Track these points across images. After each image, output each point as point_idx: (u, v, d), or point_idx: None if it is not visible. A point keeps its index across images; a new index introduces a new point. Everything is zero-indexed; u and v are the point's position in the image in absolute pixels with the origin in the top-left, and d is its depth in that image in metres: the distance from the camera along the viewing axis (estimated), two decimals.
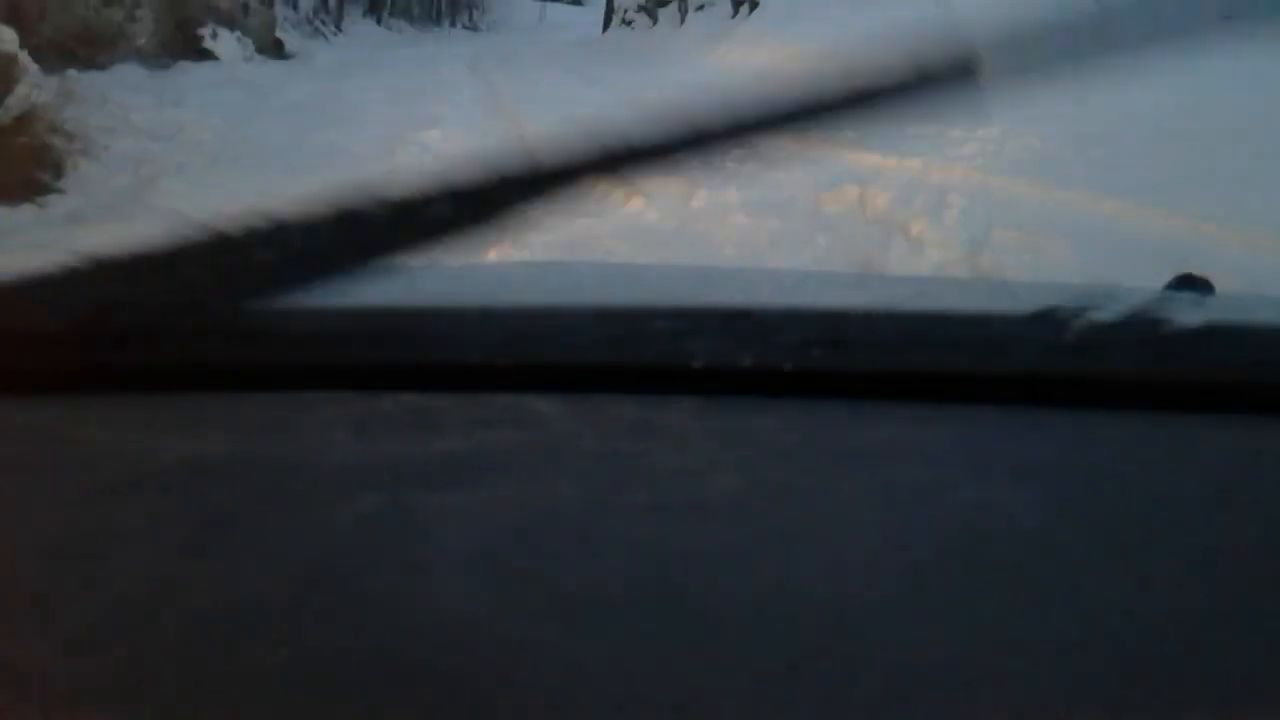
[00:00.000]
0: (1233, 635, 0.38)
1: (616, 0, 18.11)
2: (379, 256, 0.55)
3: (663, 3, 16.02)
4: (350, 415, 0.52)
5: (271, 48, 14.22)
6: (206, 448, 0.49)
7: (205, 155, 5.33)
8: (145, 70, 9.76)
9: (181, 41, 11.88)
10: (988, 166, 5.17)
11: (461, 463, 0.48)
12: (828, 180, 5.02)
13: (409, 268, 0.57)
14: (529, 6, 31.31)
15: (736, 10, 13.89)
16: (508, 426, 0.51)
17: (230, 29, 13.03)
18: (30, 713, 0.32)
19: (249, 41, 13.34)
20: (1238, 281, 3.18)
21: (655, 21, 16.24)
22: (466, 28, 28.91)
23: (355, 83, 10.35)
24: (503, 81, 11.21)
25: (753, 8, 13.29)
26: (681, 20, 15.18)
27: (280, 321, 0.57)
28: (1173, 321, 0.57)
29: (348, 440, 0.50)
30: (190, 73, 10.27)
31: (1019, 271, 3.41)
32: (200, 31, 12.35)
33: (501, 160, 0.57)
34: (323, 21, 18.74)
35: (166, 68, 10.50)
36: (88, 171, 4.74)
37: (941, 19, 9.61)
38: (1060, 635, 0.37)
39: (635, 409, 0.53)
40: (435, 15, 28.10)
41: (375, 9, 23.22)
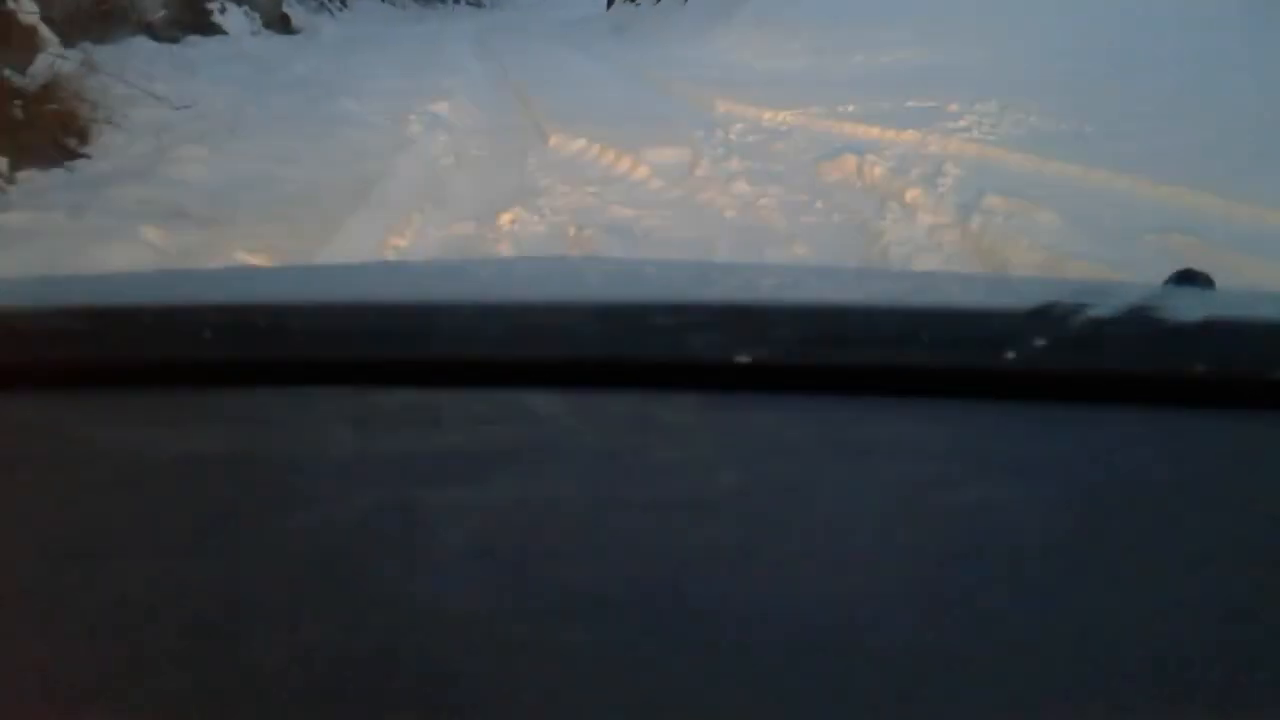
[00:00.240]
0: (1235, 632, 0.38)
1: None
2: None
3: None
4: (351, 411, 0.52)
5: (278, 23, 14.30)
6: (207, 444, 0.50)
7: (222, 123, 5.49)
8: (156, 44, 9.86)
9: (190, 16, 11.97)
10: (984, 139, 5.32)
11: (462, 459, 0.48)
12: (827, 151, 5.18)
13: (409, 265, 0.59)
14: None
15: None
16: (508, 423, 0.51)
17: (238, 4, 13.12)
18: (30, 711, 0.32)
19: (256, 16, 13.43)
20: (1219, 242, 3.35)
21: None
22: (470, 4, 28.86)
23: (362, 57, 10.46)
24: (508, 56, 11.32)
25: None
26: None
27: (281, 318, 0.58)
28: (1173, 317, 0.57)
29: (348, 436, 0.50)
30: (199, 46, 10.37)
31: (1006, 233, 3.57)
32: (209, 6, 12.44)
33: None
34: None
35: (176, 41, 10.61)
36: (111, 138, 4.91)
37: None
38: (1061, 631, 0.37)
39: (636, 405, 0.54)
40: None
41: None
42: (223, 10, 12.61)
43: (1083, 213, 3.79)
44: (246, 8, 13.21)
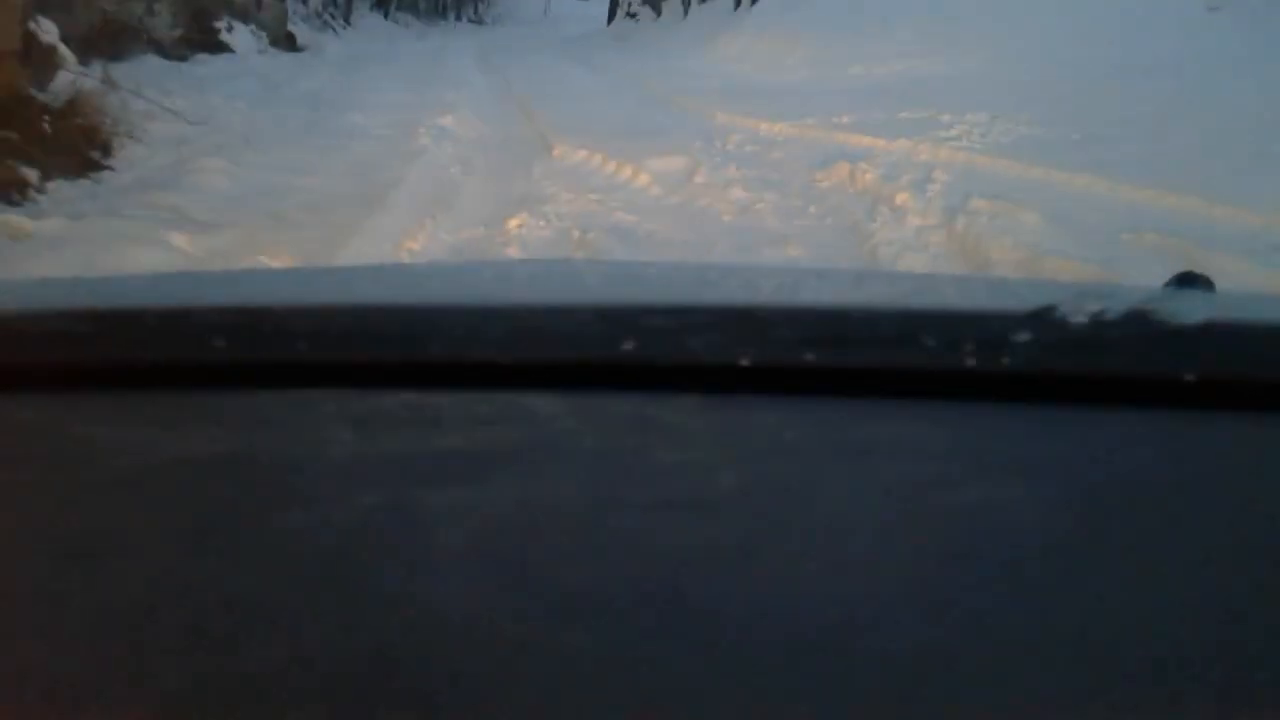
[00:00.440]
0: (1235, 632, 0.38)
1: None
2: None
3: None
4: (351, 413, 0.53)
5: (284, 40, 14.53)
6: (207, 445, 0.50)
7: (237, 137, 5.69)
8: (166, 61, 10.06)
9: (198, 34, 12.19)
10: (972, 147, 5.51)
11: (462, 460, 0.48)
12: (821, 159, 5.37)
13: (409, 267, 0.62)
14: (533, 0, 31.57)
15: (738, 3, 14.19)
16: (508, 424, 0.52)
17: (244, 22, 13.36)
18: (30, 711, 0.33)
19: (263, 34, 13.67)
20: (1191, 239, 3.53)
21: (659, 14, 16.54)
22: (472, 21, 29.19)
23: (367, 73, 10.68)
24: (511, 71, 11.54)
25: (754, 1, 13.60)
26: (685, 13, 15.48)
27: (281, 319, 0.58)
28: (1172, 319, 0.57)
29: (348, 438, 0.50)
30: (208, 64, 10.58)
31: (989, 233, 3.75)
32: (216, 24, 12.67)
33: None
34: (331, 15, 19.03)
35: (185, 59, 10.81)
36: (133, 151, 5.11)
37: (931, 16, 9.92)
38: (1060, 633, 0.37)
39: (635, 406, 0.54)
40: (440, 9, 28.41)
41: (382, 3, 23.53)
42: (230, 29, 12.84)
43: (1063, 214, 3.97)
44: (253, 26, 13.45)
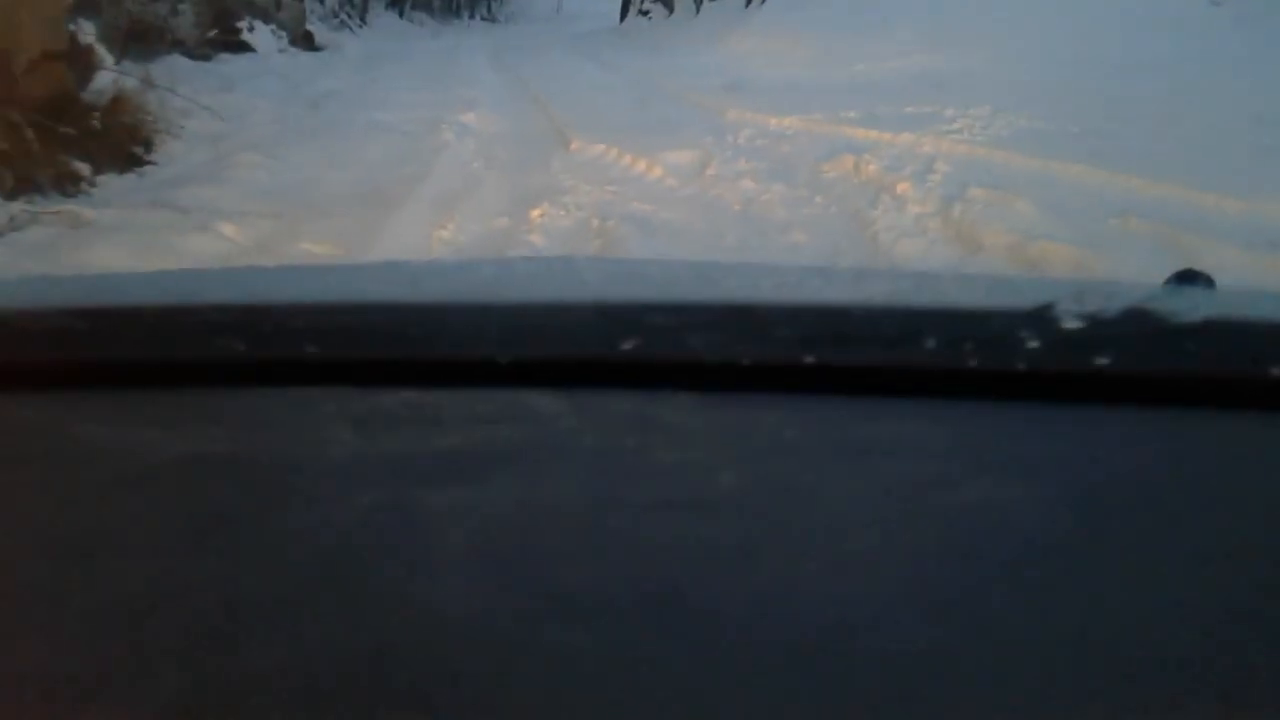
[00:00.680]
0: (1234, 632, 0.38)
1: None
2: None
3: None
4: (351, 411, 0.53)
5: (303, 40, 14.82)
6: (207, 444, 0.50)
7: (270, 133, 5.97)
8: (191, 61, 10.33)
9: (221, 34, 12.47)
10: (973, 140, 5.74)
11: (462, 459, 0.48)
12: (827, 152, 5.61)
13: (409, 265, 0.61)
14: None
15: (749, 1, 14.41)
16: (508, 422, 0.52)
17: (265, 22, 13.65)
18: (29, 710, 0.33)
19: (283, 34, 13.96)
20: (1173, 224, 3.76)
21: (671, 11, 16.78)
22: (485, 19, 29.46)
23: (386, 71, 10.95)
24: (526, 69, 11.80)
25: None
26: (697, 10, 15.70)
27: (281, 317, 0.58)
28: (1173, 316, 0.57)
29: (349, 436, 0.50)
30: (231, 63, 10.85)
31: (984, 219, 3.99)
32: (238, 24, 12.96)
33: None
34: (348, 15, 19.30)
35: (208, 59, 11.08)
36: (173, 147, 5.39)
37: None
38: (1061, 632, 0.37)
39: (636, 405, 0.54)
40: (454, 7, 28.70)
41: (397, 2, 23.82)
42: (251, 29, 13.13)
43: (1056, 202, 4.20)
44: (274, 26, 13.74)
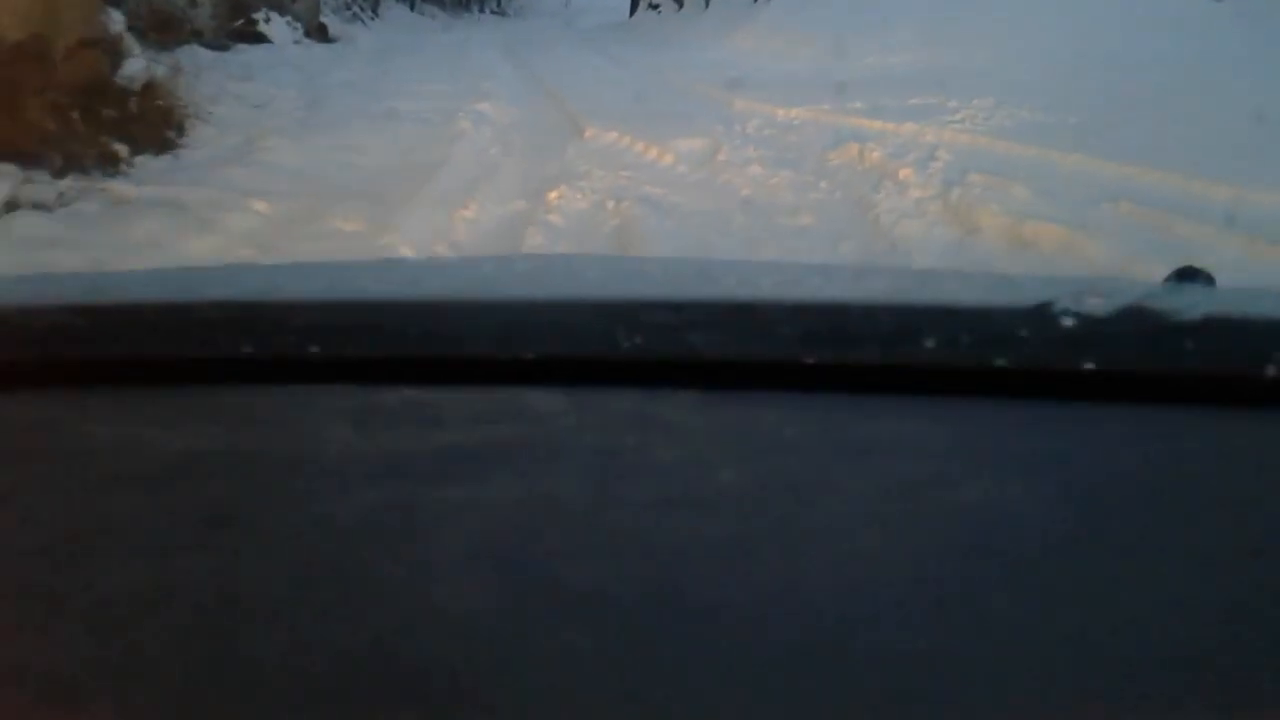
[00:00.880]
0: (1235, 629, 0.38)
1: None
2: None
3: None
4: (351, 409, 0.52)
5: (317, 32, 15.01)
6: (207, 442, 0.49)
7: (294, 119, 6.18)
8: (209, 51, 10.53)
9: (237, 25, 12.67)
10: (975, 130, 5.93)
11: (462, 457, 0.48)
12: (833, 141, 5.81)
13: (408, 262, 0.68)
14: None
15: None
16: (509, 420, 0.51)
17: (280, 14, 13.85)
18: (29, 706, 0.33)
19: (298, 26, 14.16)
20: (1160, 207, 3.95)
21: (680, 6, 16.96)
22: (495, 13, 29.61)
23: (400, 63, 11.14)
24: (537, 62, 11.99)
25: None
26: (706, 5, 15.88)
27: (281, 315, 0.58)
28: (1174, 314, 0.57)
29: (348, 434, 0.50)
30: (249, 54, 11.04)
31: (980, 202, 4.18)
32: (254, 16, 13.17)
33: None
34: (360, 7, 19.48)
35: (225, 49, 11.28)
36: (204, 131, 5.60)
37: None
38: (1062, 629, 0.37)
39: (636, 403, 0.54)
40: (464, 1, 28.90)
41: None
42: (267, 20, 13.33)
43: (1051, 187, 4.39)
44: (289, 18, 13.94)
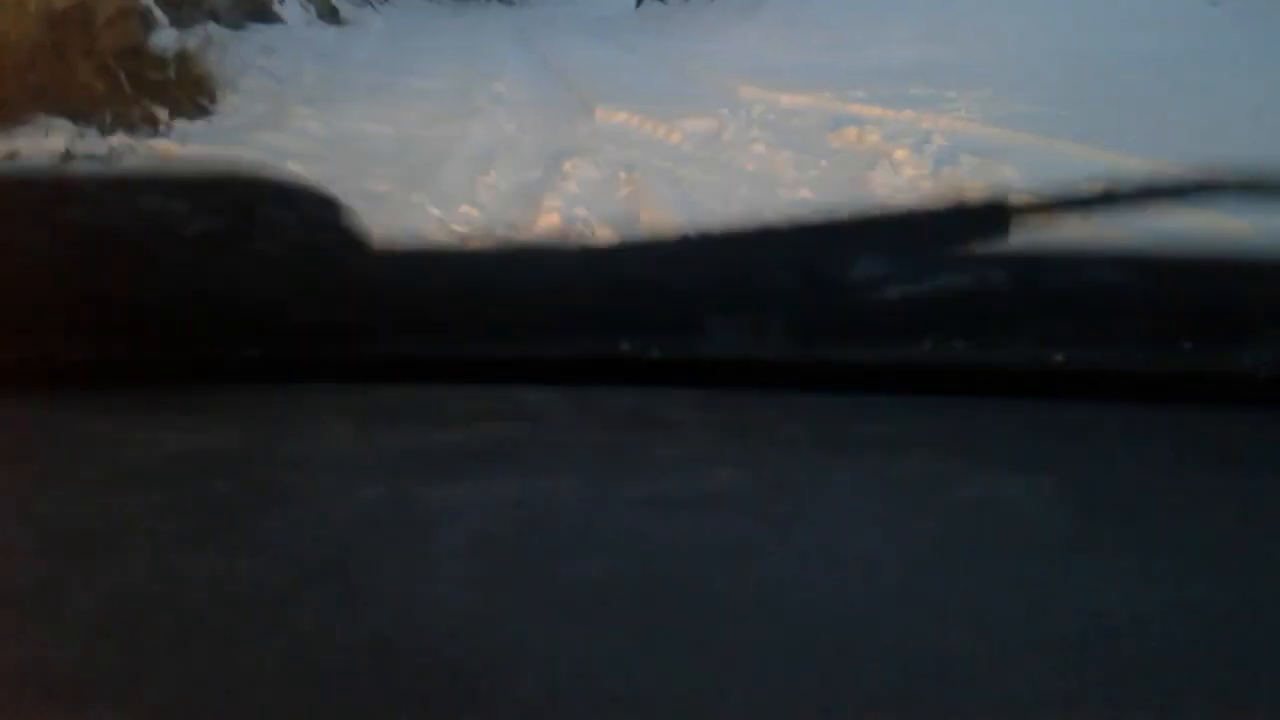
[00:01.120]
0: (1237, 630, 0.38)
1: None
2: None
3: None
4: (350, 407, 0.52)
5: (329, 14, 15.25)
6: (206, 440, 0.49)
7: (318, 91, 6.46)
8: (225, 30, 10.77)
9: (252, 5, 12.91)
10: (970, 117, 6.21)
11: (462, 455, 0.48)
12: (834, 124, 6.09)
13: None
14: None
15: None
16: (508, 418, 0.52)
17: None
18: (29, 705, 0.33)
19: (310, 7, 14.40)
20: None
21: None
22: (502, 1, 29.88)
23: (412, 45, 11.41)
24: (547, 47, 12.25)
25: None
26: None
27: (280, 313, 0.57)
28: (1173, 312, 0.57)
29: (348, 432, 0.50)
30: (264, 33, 11.24)
31: (968, 179, 4.47)
32: None
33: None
34: None
35: (240, 27, 11.51)
36: (234, 100, 5.88)
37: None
38: (1063, 629, 0.37)
39: (635, 401, 0.54)
40: None
41: None
42: (281, 1, 13.59)
43: (1036, 168, 4.68)
44: None
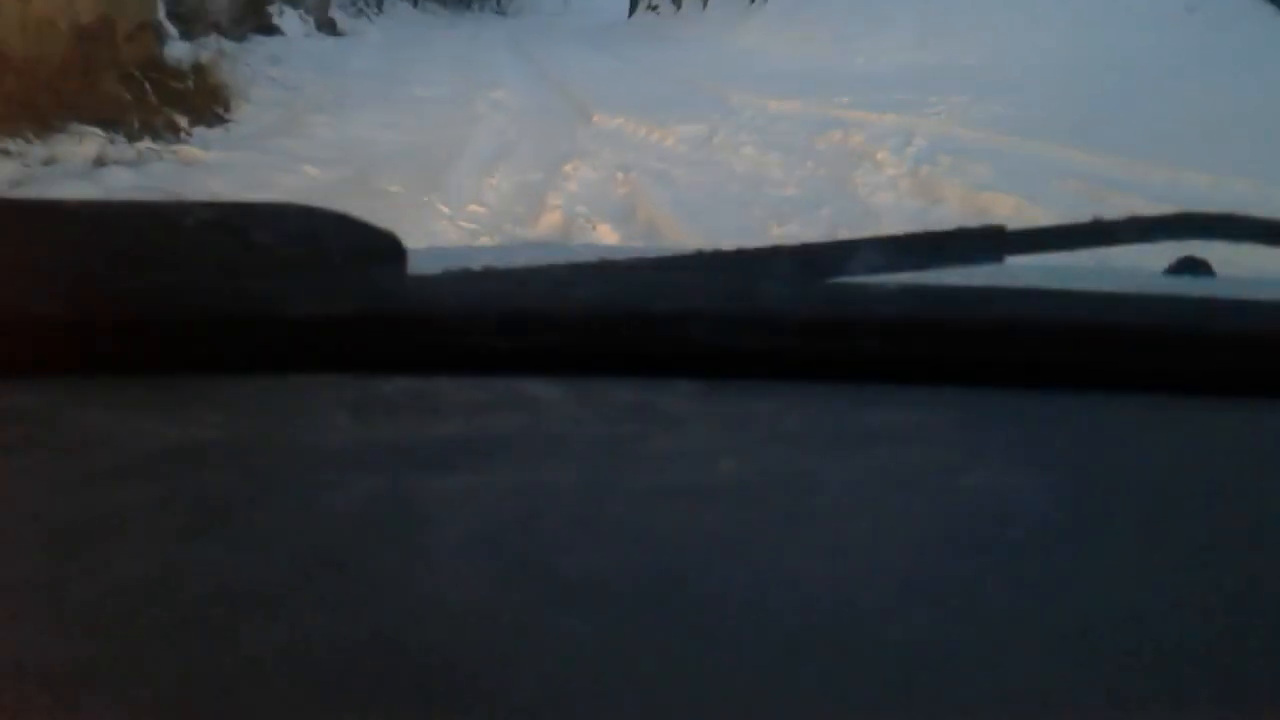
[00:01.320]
0: (1237, 623, 0.38)
1: None
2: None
3: None
4: (349, 399, 0.52)
5: (327, 26, 15.55)
6: (205, 432, 0.49)
7: (327, 100, 6.74)
8: (228, 41, 11.05)
9: (253, 18, 13.19)
10: (951, 120, 6.50)
11: (461, 447, 0.48)
12: (820, 128, 6.38)
13: (409, 251, 0.58)
14: None
15: None
16: (507, 410, 0.52)
17: (292, 7, 14.39)
18: (27, 699, 0.33)
19: (309, 19, 14.70)
20: (1102, 184, 4.52)
21: (679, 7, 17.53)
22: (495, 12, 30.18)
23: (409, 55, 11.70)
24: (541, 57, 12.54)
25: None
26: (704, 5, 16.45)
27: (278, 305, 0.57)
28: (1173, 304, 0.57)
29: (346, 424, 0.50)
30: (266, 45, 11.54)
31: (945, 177, 4.76)
32: (269, 9, 13.70)
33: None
34: (366, 3, 20.02)
35: (243, 40, 11.79)
36: (248, 109, 6.15)
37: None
38: (1063, 622, 0.37)
39: (635, 393, 0.54)
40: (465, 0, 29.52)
41: None
42: (280, 13, 13.88)
43: (1010, 167, 4.97)
44: (301, 12, 14.49)
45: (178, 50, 6.86)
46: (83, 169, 4.30)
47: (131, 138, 4.73)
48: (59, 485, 0.45)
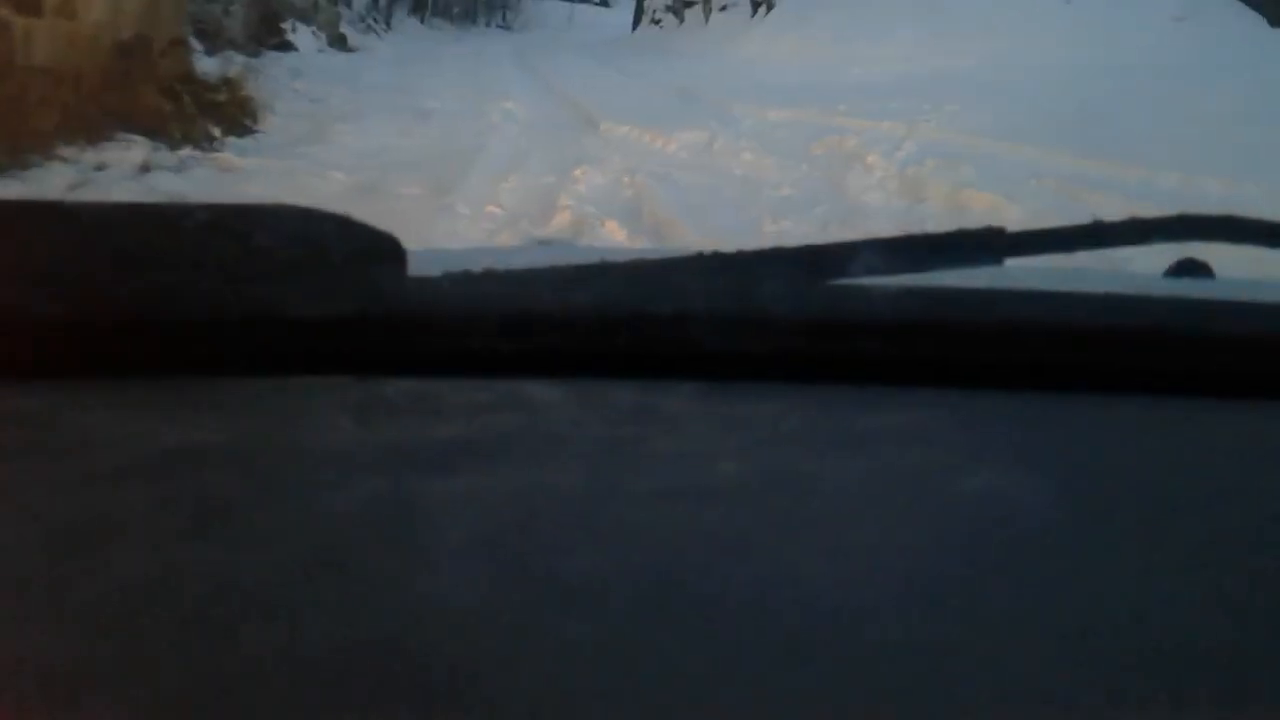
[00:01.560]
0: (1238, 624, 0.38)
1: (646, 1, 19.77)
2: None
3: (689, 3, 17.69)
4: (351, 401, 0.52)
5: (338, 42, 15.95)
6: (206, 434, 0.49)
7: (349, 110, 7.12)
8: (244, 57, 11.41)
9: (267, 35, 13.58)
10: (941, 127, 6.83)
11: (461, 448, 0.48)
12: (816, 135, 6.72)
13: (409, 253, 0.58)
14: (558, 7, 33.15)
15: (755, 11, 15.54)
16: (508, 412, 0.51)
17: (305, 24, 14.79)
18: (27, 700, 0.32)
19: (321, 35, 15.10)
20: (1078, 183, 4.84)
21: (682, 21, 17.91)
22: (500, 27, 30.72)
23: (418, 70, 12.07)
24: (547, 70, 12.92)
25: (769, 9, 14.95)
26: (706, 19, 16.82)
27: (279, 306, 0.57)
28: (1173, 306, 0.58)
29: (348, 426, 0.50)
30: (281, 60, 11.90)
31: (931, 178, 5.10)
32: (282, 25, 14.09)
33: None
34: (374, 19, 20.43)
35: (257, 55, 12.15)
36: (275, 121, 6.51)
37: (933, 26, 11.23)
38: (1063, 622, 0.37)
39: (636, 394, 0.54)
40: (471, 15, 30.00)
41: (418, 9, 25.08)
42: (294, 30, 14.27)
43: (992, 168, 5.30)
44: (314, 28, 14.89)
45: (204, 65, 7.22)
46: (131, 174, 4.65)
47: (173, 146, 5.09)
48: (59, 486, 0.44)
